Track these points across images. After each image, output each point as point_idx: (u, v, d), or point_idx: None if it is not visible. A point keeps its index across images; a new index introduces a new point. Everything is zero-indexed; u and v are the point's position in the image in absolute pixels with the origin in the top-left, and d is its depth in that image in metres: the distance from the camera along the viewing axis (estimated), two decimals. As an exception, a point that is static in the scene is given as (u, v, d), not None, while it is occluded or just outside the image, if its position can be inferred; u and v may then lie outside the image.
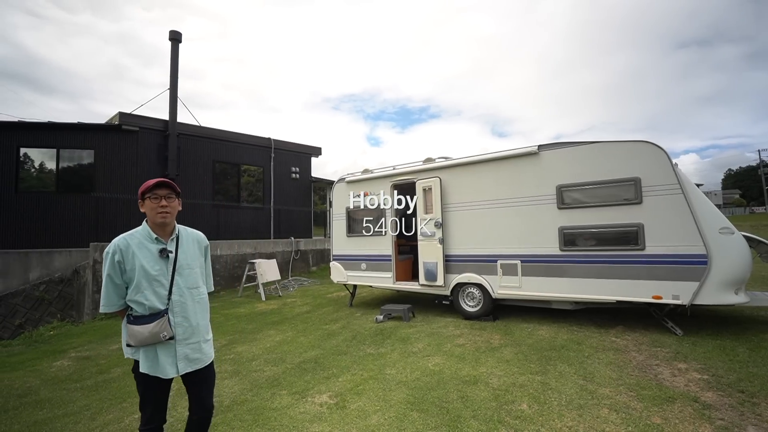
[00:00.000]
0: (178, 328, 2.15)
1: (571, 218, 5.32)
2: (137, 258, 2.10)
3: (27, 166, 10.43)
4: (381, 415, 3.15)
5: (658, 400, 3.14)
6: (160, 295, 2.13)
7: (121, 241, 2.13)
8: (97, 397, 3.97)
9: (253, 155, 13.80)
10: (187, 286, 2.22)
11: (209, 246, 2.47)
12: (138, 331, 2.06)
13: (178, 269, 2.20)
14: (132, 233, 2.18)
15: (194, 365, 2.19)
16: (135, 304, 2.10)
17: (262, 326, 6.66)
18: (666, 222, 4.73)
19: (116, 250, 2.10)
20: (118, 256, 2.09)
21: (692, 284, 4.55)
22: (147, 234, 2.18)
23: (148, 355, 2.10)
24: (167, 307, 2.13)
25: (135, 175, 10.91)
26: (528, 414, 3.03)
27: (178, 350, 2.14)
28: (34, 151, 10.37)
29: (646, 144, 4.87)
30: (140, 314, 2.09)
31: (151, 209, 2.17)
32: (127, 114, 10.97)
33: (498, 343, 4.86)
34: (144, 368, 2.09)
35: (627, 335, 4.91)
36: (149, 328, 2.06)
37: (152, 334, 2.06)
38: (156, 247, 2.17)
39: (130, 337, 2.07)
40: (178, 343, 2.15)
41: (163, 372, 2.10)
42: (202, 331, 2.27)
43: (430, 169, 6.63)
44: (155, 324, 2.07)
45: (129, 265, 2.10)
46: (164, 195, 2.18)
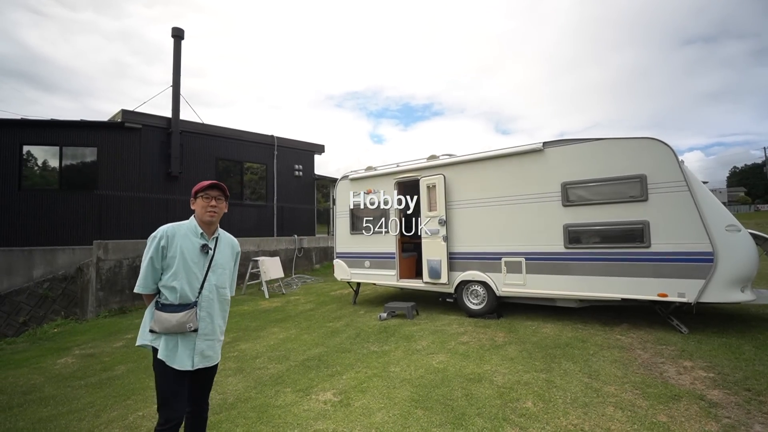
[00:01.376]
0: (202, 323, 2.22)
1: (576, 215, 5.29)
2: (180, 245, 2.21)
3: (30, 163, 10.46)
4: (385, 412, 3.15)
5: (664, 398, 3.12)
6: (193, 287, 2.22)
7: (169, 228, 2.24)
8: (102, 394, 3.98)
9: (256, 153, 13.79)
10: (217, 284, 2.32)
11: (240, 253, 2.61)
12: (166, 318, 2.12)
13: (213, 267, 2.30)
14: (180, 224, 2.29)
15: (206, 362, 2.26)
16: (168, 290, 2.17)
17: (265, 324, 6.66)
18: (672, 219, 4.69)
19: (164, 235, 2.20)
20: (164, 242, 2.19)
21: (698, 282, 4.52)
22: (194, 228, 2.30)
23: (168, 344, 2.15)
24: (197, 300, 2.22)
25: (138, 172, 10.93)
26: (533, 412, 3.01)
27: (197, 344, 2.21)
28: (36, 149, 10.38)
29: (652, 141, 4.83)
30: (170, 302, 2.16)
31: (202, 207, 2.31)
32: (129, 111, 10.97)
33: (502, 341, 4.84)
34: (161, 355, 2.14)
35: (632, 333, 4.89)
36: (177, 317, 2.13)
37: (179, 323, 2.13)
38: (199, 242, 2.28)
39: (156, 323, 2.13)
40: (198, 338, 2.22)
41: (180, 363, 2.15)
42: (219, 331, 2.36)
43: (434, 167, 6.61)
44: (184, 314, 2.15)
45: (171, 251, 2.19)
46: (215, 196, 2.34)
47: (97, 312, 8.29)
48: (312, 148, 15.56)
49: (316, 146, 15.69)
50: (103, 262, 8.63)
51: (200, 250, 2.28)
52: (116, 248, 8.86)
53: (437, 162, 6.62)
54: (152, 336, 2.17)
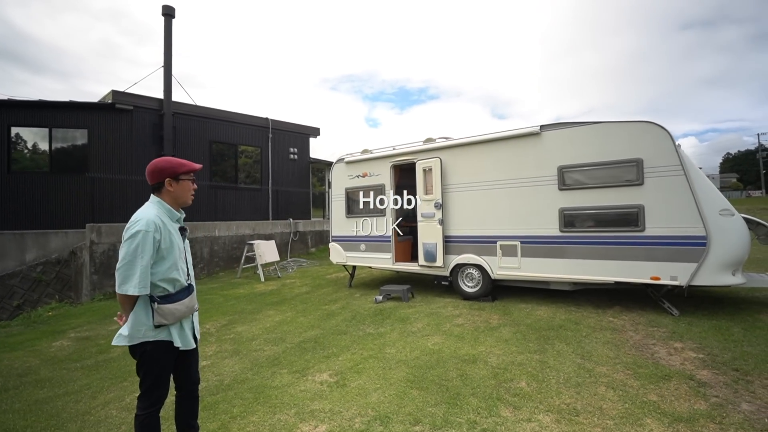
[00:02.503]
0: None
1: (571, 199, 5.30)
2: (170, 235, 2.12)
3: (19, 146, 10.27)
4: (381, 393, 3.18)
5: (654, 378, 3.18)
6: (185, 271, 2.22)
7: (155, 218, 2.06)
8: (98, 376, 4.00)
9: (251, 135, 13.62)
10: (189, 263, 2.34)
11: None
12: (175, 308, 2.08)
13: (187, 247, 2.32)
14: (156, 213, 2.10)
15: (197, 336, 2.32)
16: (167, 282, 2.08)
17: (261, 307, 6.68)
18: (667, 203, 4.71)
19: (156, 228, 2.03)
20: (158, 234, 2.04)
21: (690, 265, 4.57)
22: (169, 212, 2.18)
23: (179, 331, 2.15)
24: (189, 281, 2.24)
25: (130, 154, 10.77)
26: (526, 391, 3.06)
27: (194, 322, 2.29)
28: (25, 131, 10.18)
29: (650, 124, 4.81)
30: (168, 293, 2.08)
31: (186, 190, 2.23)
32: (120, 92, 10.75)
33: (497, 323, 4.89)
34: (180, 343, 2.13)
35: (624, 315, 4.96)
36: (186, 303, 2.14)
37: (189, 307, 2.16)
38: (176, 226, 2.22)
39: (166, 316, 2.04)
40: (194, 315, 2.29)
41: (190, 344, 2.20)
42: None
43: (431, 150, 6.56)
44: (190, 298, 2.18)
45: (165, 243, 2.07)
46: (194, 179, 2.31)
47: (92, 295, 8.27)
48: (307, 131, 15.38)
49: (312, 129, 15.51)
50: (97, 245, 8.56)
51: (180, 234, 2.23)
52: (109, 232, 8.78)
53: (434, 145, 6.57)
54: (156, 331, 2.05)
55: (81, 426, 3.03)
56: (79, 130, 10.38)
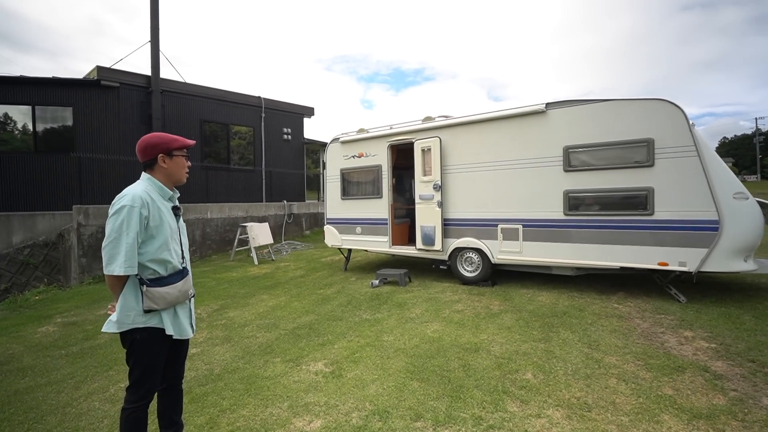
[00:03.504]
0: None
1: (577, 181, 5.08)
2: (160, 212, 1.96)
3: (3, 125, 9.83)
4: (379, 384, 3.01)
5: (668, 370, 3.03)
6: (178, 253, 2.05)
7: (143, 194, 1.92)
8: (83, 364, 3.80)
9: (243, 115, 13.19)
10: (185, 245, 2.17)
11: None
12: (166, 292, 1.92)
13: (181, 228, 2.16)
14: (145, 190, 1.96)
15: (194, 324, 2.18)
16: (158, 263, 1.93)
17: (254, 291, 6.49)
18: (678, 186, 4.50)
19: (143, 203, 1.89)
20: (145, 210, 1.89)
21: (701, 251, 4.39)
22: (160, 190, 2.03)
23: (172, 318, 2.00)
24: (184, 264, 2.08)
25: (117, 134, 10.38)
26: (533, 384, 2.90)
27: (192, 309, 2.14)
28: (8, 109, 9.74)
29: (662, 102, 4.56)
30: (159, 276, 1.93)
31: (180, 167, 2.09)
32: (105, 68, 10.28)
33: (498, 309, 4.73)
34: (173, 331, 1.98)
35: (629, 302, 4.81)
36: (179, 287, 1.97)
37: (182, 292, 2.00)
38: (169, 205, 2.08)
39: (156, 300, 1.89)
40: (191, 302, 2.13)
41: (185, 333, 2.05)
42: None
43: (430, 129, 6.28)
44: (183, 282, 2.01)
45: (154, 220, 1.92)
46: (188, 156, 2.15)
47: (81, 279, 8.04)
48: (301, 110, 14.96)
49: (306, 109, 15.09)
50: (85, 227, 8.29)
51: (173, 213, 2.09)
52: (98, 213, 8.49)
53: (433, 124, 6.29)
54: (146, 316, 1.91)
55: (61, 419, 2.85)
56: (64, 107, 9.94)
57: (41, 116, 9.94)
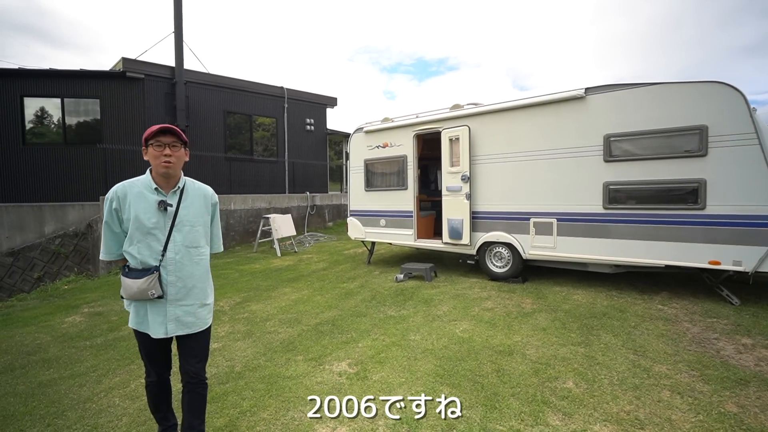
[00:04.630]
0: (170, 288, 2.00)
1: (618, 172, 4.72)
2: (133, 207, 1.96)
3: (33, 117, 10.07)
4: (407, 389, 2.83)
5: (728, 383, 2.72)
6: (154, 250, 1.98)
7: (120, 188, 1.99)
8: (105, 357, 3.77)
9: (266, 106, 13.13)
10: (186, 244, 2.04)
11: (218, 204, 2.29)
12: (128, 284, 1.96)
13: (178, 225, 2.02)
14: (133, 181, 2.03)
15: (186, 329, 2.05)
16: (128, 256, 1.99)
17: (277, 283, 6.41)
18: (734, 178, 4.10)
19: (114, 197, 1.97)
20: (116, 204, 1.96)
21: (759, 249, 3.99)
22: (147, 183, 2.02)
23: (138, 311, 2.02)
24: (160, 263, 1.98)
25: (143, 125, 10.46)
26: (576, 394, 2.65)
27: (169, 311, 2.01)
28: (38, 101, 9.96)
29: (720, 85, 4.14)
30: (133, 267, 1.98)
31: (155, 158, 2.00)
32: (130, 60, 10.35)
33: (530, 308, 4.46)
34: (132, 323, 2.04)
35: (675, 303, 4.45)
36: (138, 284, 1.94)
37: (140, 290, 1.94)
38: (155, 199, 2.00)
39: (123, 290, 2.00)
40: (169, 303, 2.00)
41: (151, 330, 2.00)
42: (199, 295, 2.10)
43: (458, 117, 5.98)
44: (144, 280, 1.93)
45: (125, 214, 1.96)
46: (168, 143, 2.01)
47: (108, 269, 8.18)
48: (324, 101, 14.79)
49: (329, 99, 14.90)
50: (112, 218, 8.40)
51: (157, 208, 1.99)
52: (124, 204, 8.60)
53: (461, 112, 5.99)
54: (126, 302, 2.05)
55: (81, 415, 2.79)
56: (91, 99, 10.08)
57: (71, 109, 10.14)
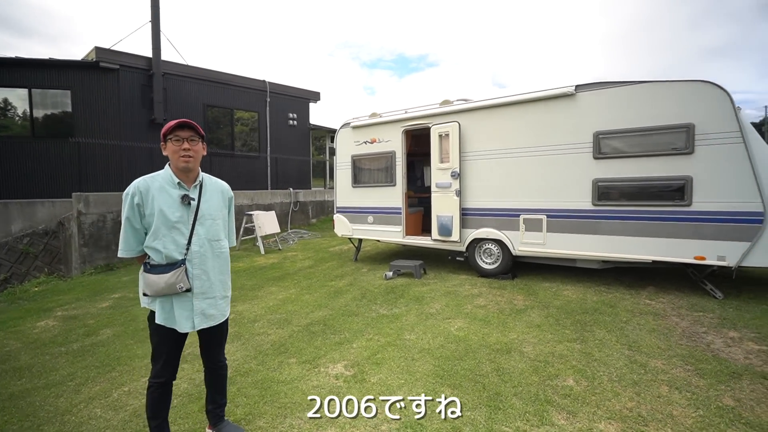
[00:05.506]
0: (196, 281, 2.03)
1: (607, 169, 4.76)
2: (157, 202, 1.96)
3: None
4: (407, 390, 2.76)
5: (722, 376, 2.77)
6: (179, 244, 2.00)
7: (141, 182, 1.98)
8: (83, 364, 3.56)
9: (247, 99, 12.80)
10: (209, 237, 2.09)
11: (233, 198, 2.36)
12: (154, 280, 1.94)
13: (200, 218, 2.06)
14: (154, 176, 2.04)
15: (210, 321, 2.10)
16: (152, 251, 1.98)
17: (262, 282, 6.24)
18: (720, 175, 4.19)
19: (136, 191, 1.95)
20: (138, 199, 1.95)
21: (742, 245, 4.10)
22: (169, 178, 2.03)
23: (164, 307, 2.00)
24: (185, 257, 2.00)
25: (118, 118, 10.04)
26: (577, 392, 2.64)
27: (195, 304, 2.04)
28: (5, 93, 9.39)
29: (706, 84, 4.22)
30: (157, 263, 1.97)
31: (174, 152, 2.01)
32: (104, 49, 9.88)
33: (522, 305, 4.47)
34: (159, 319, 2.00)
35: (661, 297, 4.54)
36: (165, 278, 1.94)
37: (168, 284, 1.94)
38: (178, 193, 2.02)
39: (147, 287, 1.97)
40: (195, 297, 2.04)
41: (178, 325, 2.01)
42: (221, 287, 2.17)
43: (448, 113, 5.94)
44: (172, 274, 1.94)
45: (148, 209, 1.96)
46: (187, 137, 2.04)
47: (82, 269, 7.81)
48: (307, 95, 14.54)
49: (312, 93, 14.66)
50: (85, 216, 8.02)
51: (180, 202, 2.01)
52: (98, 201, 8.22)
53: (451, 108, 5.94)
54: (148, 299, 2.02)
55: (59, 429, 2.60)
56: (61, 90, 9.58)
57: (39, 100, 9.59)
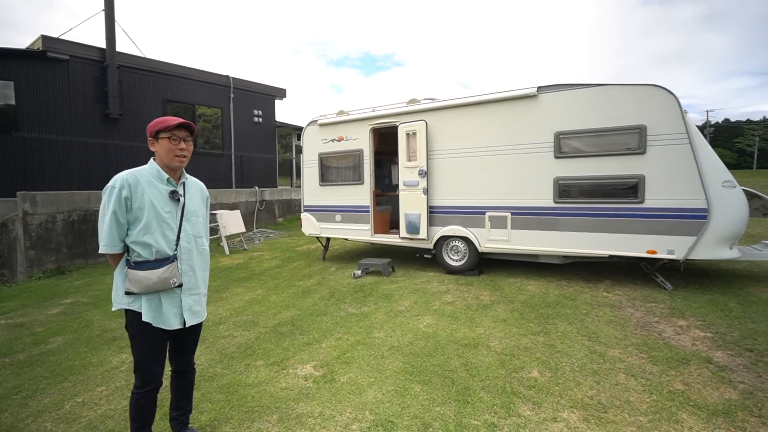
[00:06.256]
0: (185, 277, 2.02)
1: (568, 168, 4.96)
2: (147, 196, 1.93)
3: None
4: (377, 389, 2.76)
5: (673, 363, 2.95)
6: (169, 240, 1.98)
7: (129, 176, 1.93)
8: (31, 375, 3.32)
9: (210, 95, 12.37)
10: (194, 234, 2.10)
11: (209, 198, 2.32)
12: (145, 276, 1.89)
13: (186, 215, 2.06)
14: (139, 170, 1.98)
15: (196, 318, 2.09)
16: (141, 246, 1.92)
17: (227, 283, 6.07)
18: (669, 174, 4.46)
19: (124, 184, 1.89)
20: (126, 192, 1.89)
21: (689, 239, 4.39)
22: (157, 173, 2.00)
23: (151, 304, 1.94)
24: (176, 252, 1.99)
25: (68, 112, 9.43)
26: (542, 383, 2.73)
27: (184, 300, 2.02)
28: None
29: (656, 88, 4.47)
30: (144, 259, 1.92)
31: (169, 150, 1.98)
32: (52, 38, 9.25)
33: (489, 300, 4.58)
34: (147, 317, 1.93)
35: (617, 290, 4.78)
36: (158, 274, 1.90)
37: (161, 279, 1.91)
38: (166, 189, 2.00)
39: (134, 284, 1.89)
40: (183, 293, 2.02)
41: (167, 323, 1.97)
42: (203, 284, 2.15)
43: (415, 112, 5.98)
44: (165, 269, 1.92)
45: (137, 202, 1.91)
46: (183, 137, 2.02)
47: (29, 273, 7.29)
48: (272, 92, 14.22)
49: (277, 90, 14.36)
50: (32, 216, 7.49)
51: (170, 198, 2.00)
52: (47, 200, 7.70)
53: (418, 107, 5.99)
54: (130, 299, 1.93)
55: (5, 444, 2.43)
56: (2, 81, 8.88)
57: (-24, 91, 8.85)
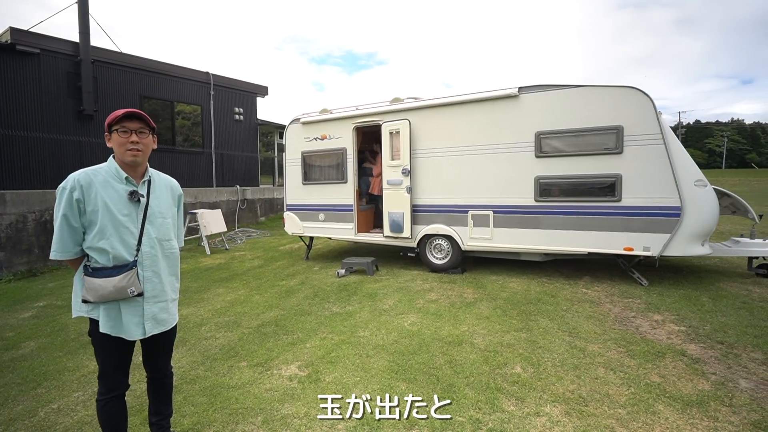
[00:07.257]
0: (147, 284, 1.87)
1: (548, 167, 5.06)
2: (101, 197, 1.77)
3: None
4: (363, 387, 2.76)
5: (649, 356, 3.04)
6: (128, 245, 1.82)
7: (82, 176, 1.78)
8: (2, 382, 3.19)
9: (189, 91, 12.09)
10: (159, 237, 1.93)
11: (183, 196, 2.18)
12: (100, 284, 1.75)
13: (150, 217, 1.89)
14: (95, 169, 1.83)
15: (161, 327, 1.95)
16: (97, 252, 1.78)
17: (209, 284, 5.96)
18: (644, 173, 4.60)
19: (75, 185, 1.75)
20: (78, 194, 1.74)
21: (663, 236, 4.53)
22: (115, 172, 1.85)
23: (110, 314, 1.81)
24: (136, 258, 1.83)
25: (39, 109, 9.07)
26: (525, 378, 2.78)
27: (146, 309, 1.88)
28: None
29: (633, 90, 4.60)
30: (102, 265, 1.78)
31: (120, 145, 1.82)
32: (21, 31, 8.87)
33: (472, 298, 4.63)
34: (105, 328, 1.80)
35: (596, 286, 4.90)
36: (114, 282, 1.76)
37: (117, 288, 1.76)
38: (125, 189, 1.84)
39: (89, 292, 1.76)
40: (146, 301, 1.87)
41: (128, 333, 1.84)
42: (170, 290, 2.01)
43: (398, 111, 5.99)
44: (122, 277, 1.77)
45: (90, 205, 1.76)
46: (135, 129, 1.84)
47: (-2, 275, 7.00)
48: (254, 89, 14.01)
49: (259, 87, 14.15)
50: (2, 216, 7.19)
51: (129, 199, 1.84)
52: (17, 200, 7.41)
53: (402, 106, 6.01)
54: (88, 306, 1.81)
55: (-25, 454, 2.33)
56: (-32, 75, 8.48)
57: (-61, 85, 8.43)
